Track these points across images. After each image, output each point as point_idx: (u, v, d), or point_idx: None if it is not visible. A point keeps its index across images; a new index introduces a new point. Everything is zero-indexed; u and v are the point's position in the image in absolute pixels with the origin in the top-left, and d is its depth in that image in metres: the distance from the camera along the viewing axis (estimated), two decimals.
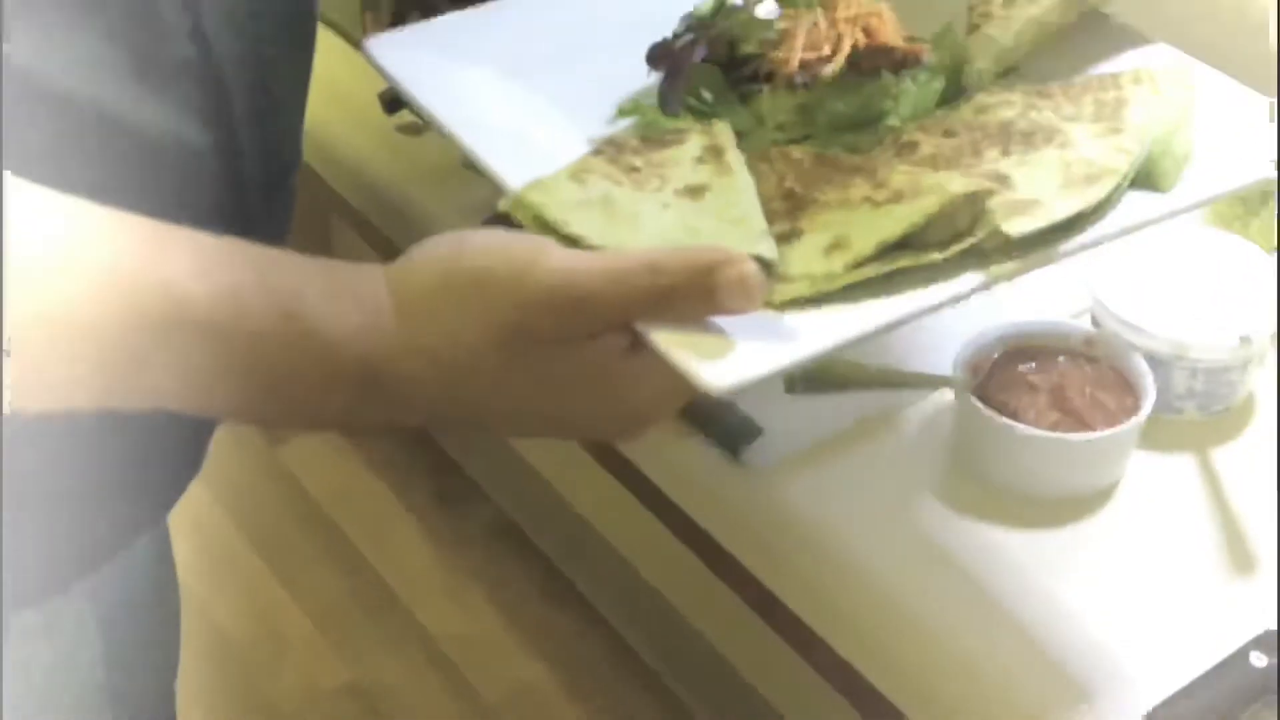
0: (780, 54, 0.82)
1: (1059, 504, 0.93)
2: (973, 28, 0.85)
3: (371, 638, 1.95)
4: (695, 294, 0.65)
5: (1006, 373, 0.95)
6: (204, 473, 0.87)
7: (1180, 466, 0.96)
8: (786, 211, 0.74)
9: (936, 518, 0.93)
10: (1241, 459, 0.96)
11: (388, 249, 1.23)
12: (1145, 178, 0.76)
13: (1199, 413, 0.97)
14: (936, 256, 0.70)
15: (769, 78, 0.83)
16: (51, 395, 0.66)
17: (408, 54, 0.89)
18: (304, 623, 1.98)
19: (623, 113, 0.84)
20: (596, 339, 0.66)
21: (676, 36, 0.87)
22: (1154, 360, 0.94)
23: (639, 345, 0.66)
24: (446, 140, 1.17)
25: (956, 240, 0.70)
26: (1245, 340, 0.94)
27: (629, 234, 0.70)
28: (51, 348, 0.63)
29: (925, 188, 0.71)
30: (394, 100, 1.19)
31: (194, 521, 1.76)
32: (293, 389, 0.67)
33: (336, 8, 1.24)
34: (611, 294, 0.65)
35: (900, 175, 0.73)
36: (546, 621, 1.92)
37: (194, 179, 0.81)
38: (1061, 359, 0.95)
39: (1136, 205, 0.75)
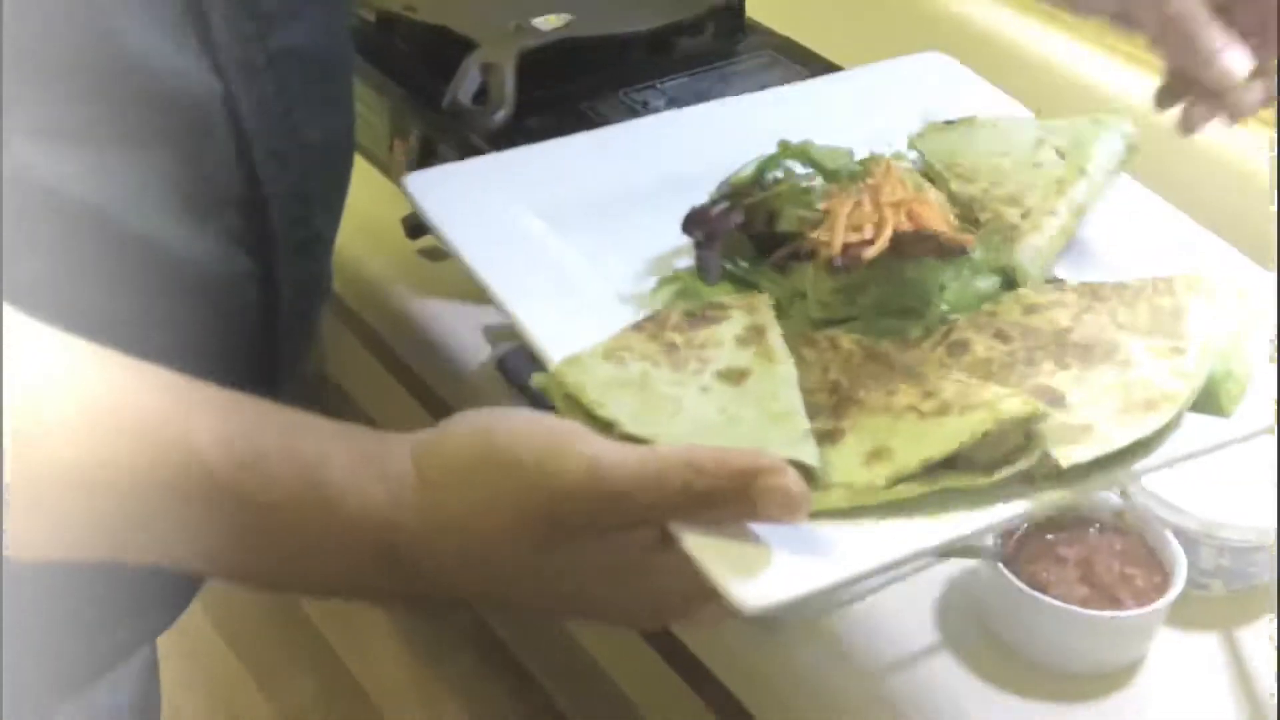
0: (821, 235, 0.80)
1: (1083, 678, 0.92)
2: (1005, 239, 0.84)
3: None
4: (734, 500, 0.63)
5: (1036, 543, 0.94)
6: None
7: (1205, 645, 0.95)
8: (830, 407, 0.71)
9: (960, 684, 0.92)
10: (1266, 638, 0.95)
11: (399, 370, 1.22)
12: (1205, 400, 0.73)
13: (1224, 590, 0.97)
14: (983, 481, 0.67)
15: (810, 255, 0.81)
16: (68, 548, 0.65)
17: (445, 193, 0.88)
18: None
19: (664, 283, 0.82)
20: (625, 532, 0.65)
21: (714, 203, 0.85)
22: (1182, 536, 0.94)
23: (668, 541, 0.65)
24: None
25: (1005, 463, 0.68)
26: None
27: (666, 420, 0.69)
28: (71, 502, 0.63)
29: (976, 403, 0.68)
30: (417, 225, 1.18)
31: None
32: (311, 559, 0.67)
33: (363, 131, 1.23)
34: (646, 491, 0.63)
35: (951, 385, 0.71)
36: None
37: (232, 308, 0.81)
38: (1091, 531, 0.95)
39: (1195, 431, 0.72)
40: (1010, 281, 0.82)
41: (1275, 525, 0.95)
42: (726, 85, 1.23)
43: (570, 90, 1.20)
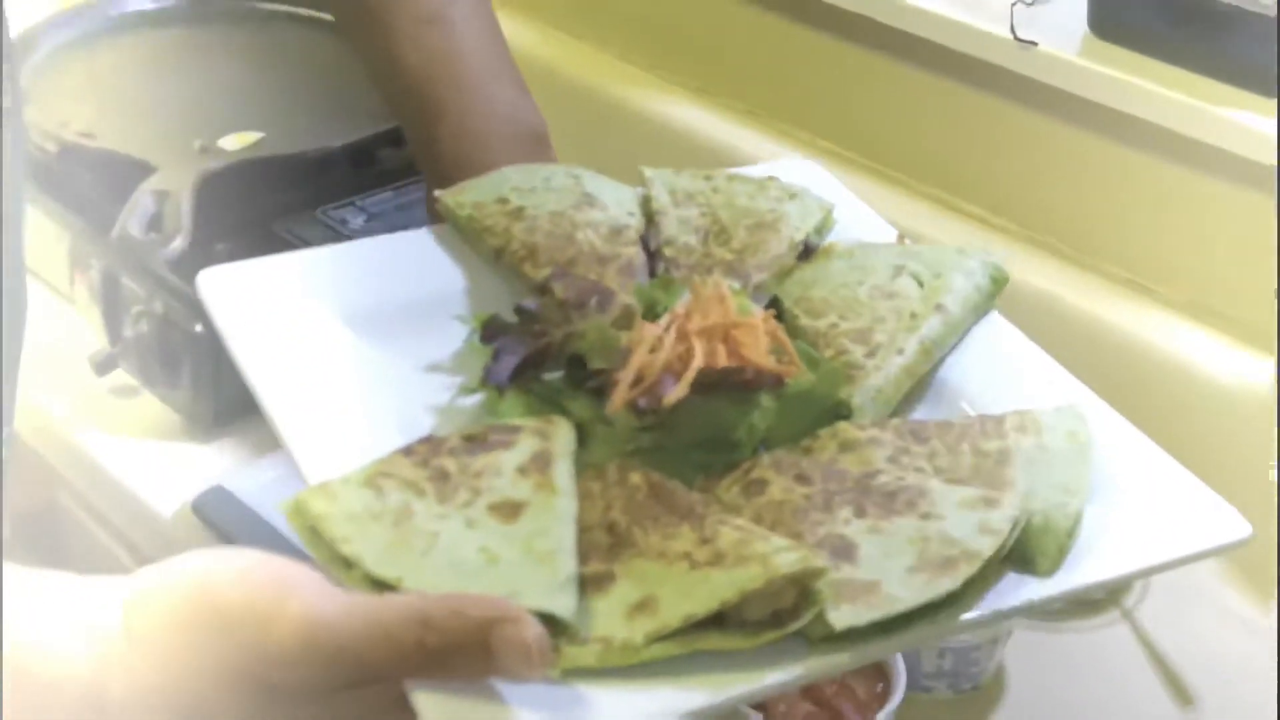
0: (618, 374, 0.72)
1: None
2: (844, 377, 0.77)
3: None
4: (470, 654, 0.57)
5: None
6: None
7: None
8: (606, 548, 0.65)
9: None
10: None
11: (101, 519, 1.15)
12: (1020, 558, 0.65)
13: (949, 692, 0.95)
14: (746, 644, 0.61)
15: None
16: None
17: (237, 293, 0.80)
18: None
19: (465, 390, 0.75)
20: (358, 690, 0.59)
21: (520, 314, 0.77)
22: None
23: (409, 697, 0.59)
24: (171, 402, 1.11)
25: (776, 622, 0.61)
26: None
27: (416, 559, 0.62)
28: None
29: (751, 554, 0.62)
30: (104, 361, 1.12)
31: None
32: None
33: (44, 265, 1.17)
34: (373, 650, 0.58)
35: (730, 532, 0.64)
36: None
37: None
38: None
39: (1002, 589, 0.65)
40: (839, 416, 0.76)
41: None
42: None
43: (264, 210, 1.15)
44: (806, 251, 0.87)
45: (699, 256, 0.85)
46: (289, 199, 1.16)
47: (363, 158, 1.21)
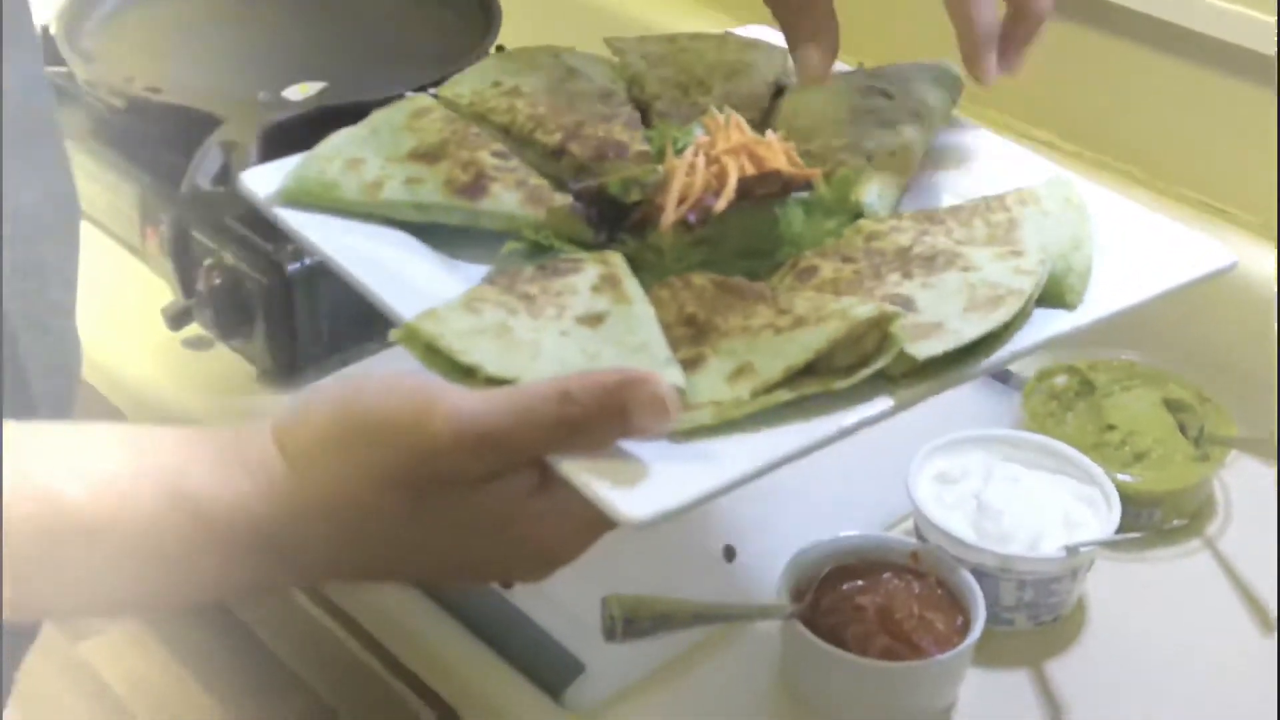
0: (661, 200, 0.79)
1: None
2: (850, 182, 0.84)
3: None
4: (607, 417, 0.63)
5: (833, 593, 0.91)
6: None
7: (1015, 682, 0.93)
8: (689, 338, 0.72)
9: None
10: (1075, 670, 0.93)
11: None
12: (1051, 297, 0.76)
13: (1030, 624, 0.95)
14: (844, 383, 0.68)
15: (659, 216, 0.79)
16: None
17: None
18: None
19: (515, 240, 0.81)
20: (503, 479, 0.63)
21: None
22: (980, 573, 0.92)
23: (547, 483, 0.64)
24: (245, 354, 1.12)
25: (863, 364, 0.69)
26: (1071, 550, 0.92)
27: (527, 361, 0.68)
28: None
29: (829, 313, 0.70)
30: (178, 315, 1.13)
31: None
32: (192, 571, 0.64)
33: (116, 221, 1.18)
34: (519, 429, 0.62)
35: (804, 301, 0.72)
36: None
37: None
38: (887, 575, 0.92)
39: (1044, 322, 0.75)
40: (856, 218, 0.83)
41: (1080, 552, 0.93)
42: None
43: None
44: (779, 91, 0.95)
45: (687, 107, 0.92)
46: None
47: None
